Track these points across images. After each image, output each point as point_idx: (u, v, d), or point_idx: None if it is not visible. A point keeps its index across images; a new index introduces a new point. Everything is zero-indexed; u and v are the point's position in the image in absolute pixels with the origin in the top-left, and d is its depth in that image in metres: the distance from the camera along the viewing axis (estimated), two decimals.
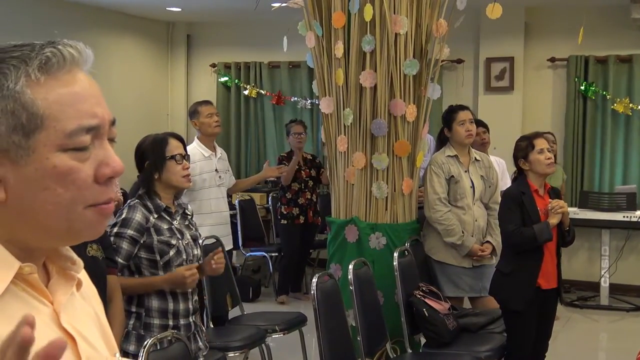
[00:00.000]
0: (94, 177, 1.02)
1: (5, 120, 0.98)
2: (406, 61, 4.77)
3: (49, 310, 1.03)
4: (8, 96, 0.98)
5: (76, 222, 1.02)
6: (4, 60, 0.99)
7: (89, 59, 1.05)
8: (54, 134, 0.99)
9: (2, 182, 0.99)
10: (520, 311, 4.27)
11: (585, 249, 8.04)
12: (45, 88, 0.99)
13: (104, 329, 1.18)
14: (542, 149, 4.32)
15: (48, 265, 1.09)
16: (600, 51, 7.96)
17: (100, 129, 1.03)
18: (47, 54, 1.00)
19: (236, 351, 4.52)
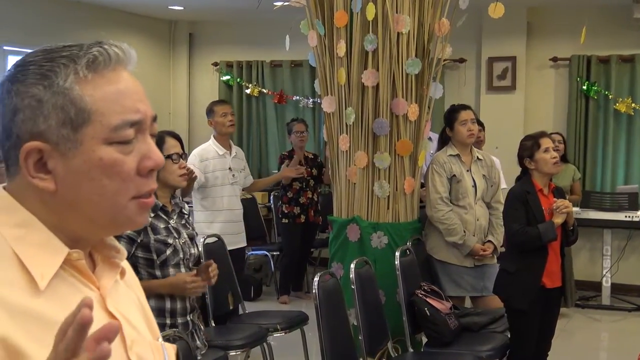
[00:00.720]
0: (137, 170, 1.09)
1: (55, 115, 1.04)
2: (408, 60, 4.77)
3: (95, 294, 1.10)
4: (58, 92, 1.04)
5: (119, 213, 1.09)
6: (54, 60, 1.06)
7: (132, 59, 1.12)
8: (100, 128, 1.06)
9: (52, 174, 1.05)
10: (524, 310, 4.27)
11: (587, 248, 8.03)
12: (92, 85, 1.06)
13: (147, 314, 1.25)
14: (548, 148, 4.33)
15: (93, 254, 1.16)
16: (602, 51, 7.95)
17: (143, 124, 1.10)
18: (94, 52, 1.07)
19: (237, 350, 4.52)
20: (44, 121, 1.04)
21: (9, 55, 7.69)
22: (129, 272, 1.24)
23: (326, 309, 3.77)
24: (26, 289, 1.01)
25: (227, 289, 4.93)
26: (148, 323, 1.23)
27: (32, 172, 1.05)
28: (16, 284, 1.00)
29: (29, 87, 1.05)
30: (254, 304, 6.85)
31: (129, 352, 1.11)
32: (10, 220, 1.05)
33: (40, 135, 1.04)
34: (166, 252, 3.35)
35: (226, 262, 5.01)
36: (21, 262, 1.02)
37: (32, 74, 1.06)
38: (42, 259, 1.03)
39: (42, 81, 1.05)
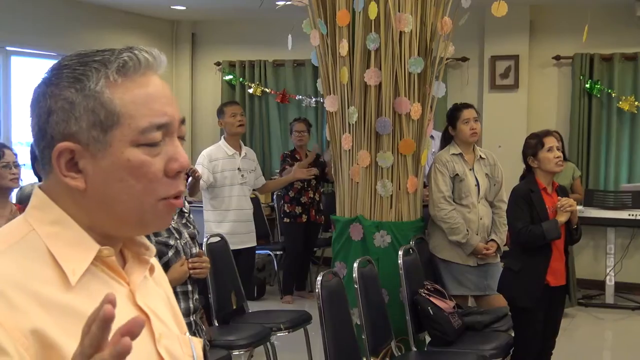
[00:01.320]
0: (164, 171, 1.12)
1: (86, 117, 1.08)
2: (411, 59, 4.76)
3: (125, 290, 1.15)
4: (89, 96, 1.09)
5: (147, 213, 1.13)
6: (87, 64, 1.11)
7: (162, 64, 1.16)
8: (129, 130, 1.09)
9: (83, 173, 1.10)
10: (529, 309, 4.27)
11: (590, 247, 8.02)
12: (122, 89, 1.10)
13: (175, 310, 1.30)
14: (552, 147, 4.32)
15: (124, 251, 1.20)
16: (605, 49, 7.94)
17: (170, 127, 1.14)
18: (125, 58, 1.12)
19: (241, 349, 4.53)
20: (76, 123, 1.08)
21: (12, 56, 7.70)
22: (158, 269, 1.29)
23: (329, 309, 3.77)
24: (59, 284, 1.05)
25: (231, 289, 4.93)
26: (176, 318, 1.28)
27: (64, 171, 1.09)
28: (49, 279, 1.05)
29: (62, 90, 1.09)
30: (257, 304, 6.85)
31: (157, 346, 1.15)
32: (45, 218, 1.10)
33: (71, 136, 1.09)
34: (168, 254, 3.32)
35: (229, 262, 5.01)
36: (54, 258, 1.07)
37: (65, 78, 1.10)
38: (74, 256, 1.08)
39: (74, 84, 1.09)
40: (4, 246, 1.07)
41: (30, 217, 1.11)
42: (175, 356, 1.19)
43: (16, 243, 1.07)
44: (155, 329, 1.16)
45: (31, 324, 1.00)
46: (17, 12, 7.57)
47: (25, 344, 0.98)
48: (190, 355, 1.24)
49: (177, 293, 3.37)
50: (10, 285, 1.02)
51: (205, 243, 4.81)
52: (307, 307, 6.15)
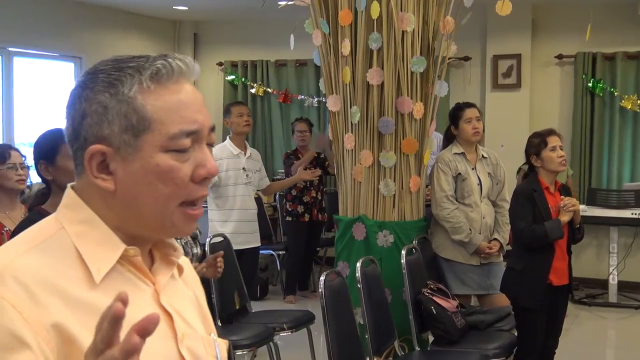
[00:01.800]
0: (191, 177, 1.15)
1: (119, 122, 1.12)
2: (413, 58, 4.76)
3: (150, 289, 1.18)
4: (123, 100, 1.12)
5: (167, 218, 1.15)
6: (122, 70, 1.14)
7: (195, 72, 1.19)
8: (159, 136, 1.13)
9: (113, 175, 1.13)
10: (532, 308, 4.26)
11: (593, 246, 8.01)
12: (154, 95, 1.13)
13: (204, 311, 1.32)
14: (555, 147, 4.31)
15: (153, 252, 1.23)
16: (607, 48, 7.93)
17: (200, 134, 1.16)
18: (159, 65, 1.14)
19: (244, 349, 4.52)
20: (108, 126, 1.12)
21: (14, 57, 7.71)
22: (188, 270, 1.32)
23: (332, 308, 3.77)
24: (84, 282, 1.09)
25: (234, 289, 4.93)
26: (203, 319, 1.30)
27: (95, 173, 1.13)
28: (75, 277, 1.09)
29: (97, 94, 1.13)
30: (260, 303, 6.85)
31: (179, 346, 1.17)
32: (75, 217, 1.15)
33: (104, 139, 1.12)
34: None
35: (232, 262, 5.01)
36: (81, 256, 1.11)
37: (100, 82, 1.13)
38: (100, 255, 1.12)
39: (109, 89, 1.12)
40: (33, 243, 1.11)
41: (61, 216, 1.15)
42: (198, 356, 1.21)
43: (45, 241, 1.11)
44: (177, 329, 1.18)
45: (53, 318, 1.03)
46: (19, 12, 7.58)
47: (47, 338, 1.02)
48: (214, 356, 1.26)
49: None
50: (36, 280, 1.05)
51: (208, 243, 4.81)
52: (310, 306, 6.15)
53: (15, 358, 0.99)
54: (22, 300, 1.03)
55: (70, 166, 2.99)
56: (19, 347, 0.99)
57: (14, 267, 1.06)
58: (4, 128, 7.57)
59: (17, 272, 1.05)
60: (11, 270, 1.06)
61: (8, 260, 1.08)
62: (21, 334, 1.00)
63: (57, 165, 2.76)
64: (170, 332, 1.17)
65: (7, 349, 0.99)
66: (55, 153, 2.76)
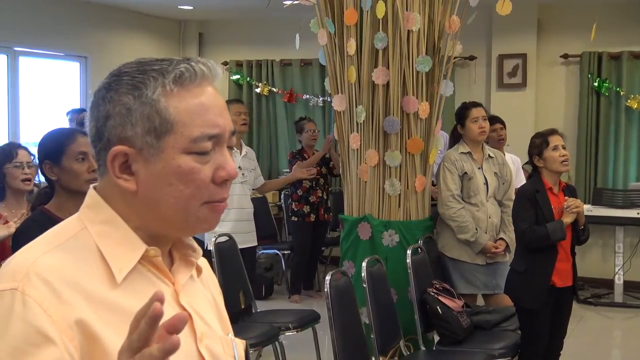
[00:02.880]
0: (212, 178, 1.18)
1: (142, 123, 1.14)
2: (419, 58, 4.76)
3: (170, 289, 1.20)
4: (146, 103, 1.14)
5: (191, 216, 1.18)
6: (146, 72, 1.16)
7: (217, 75, 1.20)
8: (181, 139, 1.15)
9: (135, 176, 1.16)
10: (534, 309, 4.25)
11: (599, 246, 8.00)
12: (177, 98, 1.15)
13: (221, 312, 1.35)
14: (557, 146, 4.30)
15: (173, 252, 1.26)
16: (613, 47, 7.91)
17: (221, 138, 1.19)
18: (182, 69, 1.16)
19: (249, 349, 4.52)
20: (132, 128, 1.14)
21: (19, 56, 7.72)
22: (207, 271, 1.35)
23: (338, 308, 3.77)
24: (105, 281, 1.12)
25: (239, 288, 4.93)
26: (221, 320, 1.33)
27: (117, 173, 1.15)
28: (97, 276, 1.11)
29: (121, 95, 1.15)
30: (265, 303, 6.86)
31: (198, 345, 1.20)
32: (97, 217, 1.17)
33: (127, 140, 1.15)
34: None
35: (237, 261, 5.01)
36: (103, 256, 1.13)
37: (125, 84, 1.15)
38: (122, 255, 1.14)
39: (133, 91, 1.14)
40: (56, 243, 1.13)
41: (83, 216, 1.18)
42: (216, 356, 1.23)
43: (68, 240, 1.14)
44: (197, 329, 1.21)
45: (76, 315, 1.05)
46: (24, 12, 7.59)
47: (70, 335, 1.04)
48: (232, 356, 1.28)
49: None
50: (60, 279, 1.08)
51: (213, 243, 4.81)
52: (315, 306, 6.15)
53: (41, 353, 1.01)
54: (47, 298, 1.05)
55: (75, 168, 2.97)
56: (44, 343, 1.02)
57: (38, 265, 1.08)
58: (10, 127, 7.59)
59: (41, 271, 1.08)
60: (35, 268, 1.08)
61: (32, 259, 1.09)
62: (46, 330, 1.02)
63: (63, 166, 2.71)
64: (190, 332, 1.19)
65: (33, 345, 1.01)
66: (61, 154, 2.72)
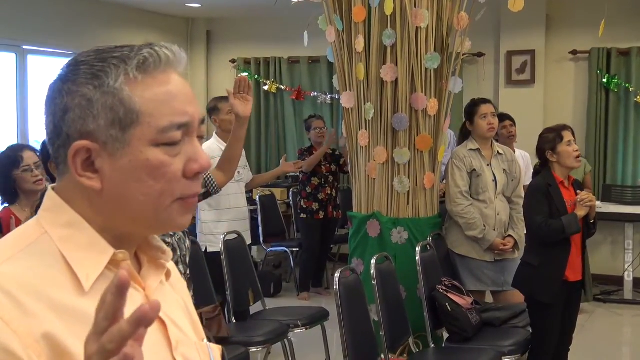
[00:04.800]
0: (183, 172, 1.08)
1: (104, 115, 1.05)
2: (427, 55, 4.75)
3: (141, 295, 1.10)
4: (108, 92, 1.05)
5: (163, 213, 1.08)
6: (106, 60, 1.07)
7: (182, 61, 1.12)
8: (148, 129, 1.06)
9: (99, 173, 1.06)
10: (548, 304, 4.24)
11: (608, 242, 7.97)
12: (142, 86, 1.06)
13: (192, 316, 1.26)
14: (570, 141, 4.29)
15: (139, 255, 1.16)
16: (622, 43, 7.88)
17: (191, 126, 1.10)
18: (145, 54, 1.08)
19: (259, 346, 4.53)
20: (94, 121, 1.05)
21: (28, 55, 7.74)
22: (175, 274, 1.25)
23: (347, 305, 3.77)
24: (72, 289, 1.02)
25: (248, 286, 4.94)
26: (193, 325, 1.24)
27: (80, 171, 1.06)
28: (62, 284, 1.02)
29: (80, 86, 1.05)
30: (273, 300, 6.85)
31: (174, 353, 1.11)
32: (58, 220, 1.07)
33: (89, 134, 1.05)
34: None
35: (247, 259, 5.02)
36: (67, 262, 1.03)
37: (83, 74, 1.06)
38: (88, 260, 1.05)
39: (92, 81, 1.05)
40: (16, 250, 1.03)
41: (43, 220, 1.07)
42: None
43: (28, 246, 1.04)
44: (172, 336, 1.12)
45: (43, 328, 0.97)
46: (33, 11, 7.61)
47: (37, 350, 0.95)
48: None
49: None
50: (23, 290, 0.98)
51: (222, 241, 4.82)
52: (324, 303, 6.15)
53: None
54: (9, 310, 0.96)
55: None
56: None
57: None
58: (19, 126, 7.61)
59: (1, 281, 0.98)
60: None
61: None
62: (10, 347, 0.93)
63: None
64: (164, 340, 1.11)
65: None
66: None
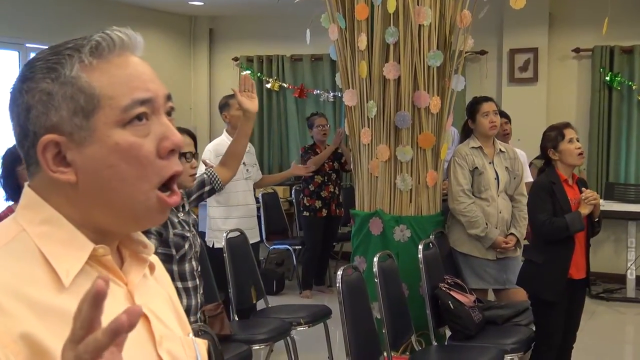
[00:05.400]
0: (156, 152, 1.07)
1: (66, 106, 1.04)
2: (430, 53, 4.75)
3: (123, 290, 1.08)
4: (66, 83, 1.04)
5: (140, 204, 1.07)
6: (59, 53, 1.06)
7: (138, 44, 1.10)
8: (111, 111, 1.04)
9: (72, 166, 1.04)
10: (552, 302, 4.24)
11: (611, 241, 7.96)
12: (99, 71, 1.05)
13: (177, 310, 1.24)
14: (572, 139, 4.29)
15: (121, 250, 1.14)
16: (625, 41, 7.87)
17: (155, 103, 1.08)
18: (97, 39, 1.06)
19: (261, 344, 4.53)
20: (56, 113, 1.04)
21: (31, 53, 7.75)
22: (159, 268, 1.23)
23: (350, 303, 3.77)
24: (51, 287, 1.00)
25: (250, 284, 4.94)
26: (179, 319, 1.22)
27: (52, 167, 1.04)
28: (41, 282, 1.00)
29: (38, 82, 1.05)
30: (276, 298, 6.86)
31: (158, 349, 1.10)
32: (35, 217, 1.05)
33: (54, 128, 1.04)
34: (184, 246, 3.28)
35: (249, 257, 5.02)
36: (46, 259, 1.01)
37: (39, 70, 1.06)
38: (67, 256, 1.03)
39: (49, 74, 1.05)
40: None
41: (20, 217, 1.06)
42: (177, 358, 1.13)
43: (5, 245, 1.02)
44: (155, 331, 1.10)
45: (21, 328, 0.94)
46: (36, 9, 7.62)
47: (15, 350, 0.93)
48: (194, 357, 1.18)
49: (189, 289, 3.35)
50: (0, 289, 0.96)
51: (225, 238, 4.82)
52: (326, 301, 6.15)
53: None
54: None
55: None
56: None
57: None
58: None
59: None
60: None
61: None
62: None
63: None
64: (148, 335, 1.09)
65: None
66: None
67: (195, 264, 3.39)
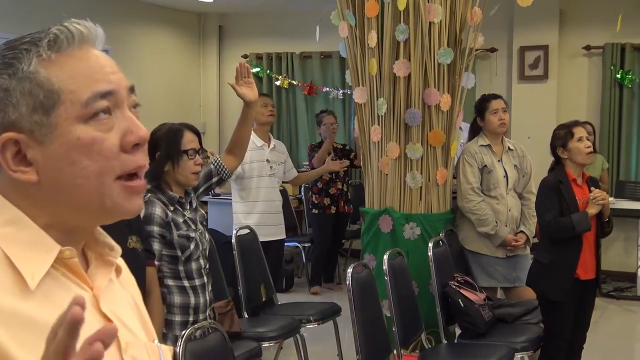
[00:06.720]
0: (120, 146, 1.03)
1: (24, 102, 1.00)
2: (440, 50, 4.73)
3: (88, 295, 1.05)
4: (24, 78, 1.00)
5: (107, 196, 1.03)
6: (16, 47, 1.02)
7: (99, 37, 1.06)
8: (72, 106, 1.01)
9: (33, 165, 1.01)
10: (559, 302, 4.23)
11: (621, 239, 7.94)
12: (57, 65, 1.01)
13: (143, 315, 1.20)
14: (582, 137, 4.27)
15: (86, 252, 1.10)
16: (636, 39, 7.83)
17: (117, 95, 1.04)
18: (55, 32, 1.02)
19: (271, 341, 4.53)
20: (14, 110, 1.00)
21: None
22: (125, 271, 1.19)
23: (359, 300, 3.76)
24: (16, 291, 0.96)
25: (260, 281, 4.94)
26: (143, 324, 1.18)
27: (12, 166, 1.01)
28: (5, 286, 0.95)
29: None
30: (285, 295, 6.87)
31: (123, 355, 1.06)
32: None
33: (13, 125, 1.00)
34: (190, 246, 3.26)
35: (259, 254, 5.02)
36: (11, 262, 0.97)
37: None
38: (33, 258, 0.99)
39: (6, 70, 1.01)
40: None
41: None
42: None
43: None
44: (121, 338, 1.06)
45: None
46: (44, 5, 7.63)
47: None
48: None
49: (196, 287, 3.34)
50: None
51: (235, 235, 4.83)
52: (335, 299, 6.15)
53: None
54: None
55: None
56: None
57: None
58: None
59: None
60: None
61: None
62: None
63: None
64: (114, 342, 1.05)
65: None
66: None
67: (202, 262, 3.38)
